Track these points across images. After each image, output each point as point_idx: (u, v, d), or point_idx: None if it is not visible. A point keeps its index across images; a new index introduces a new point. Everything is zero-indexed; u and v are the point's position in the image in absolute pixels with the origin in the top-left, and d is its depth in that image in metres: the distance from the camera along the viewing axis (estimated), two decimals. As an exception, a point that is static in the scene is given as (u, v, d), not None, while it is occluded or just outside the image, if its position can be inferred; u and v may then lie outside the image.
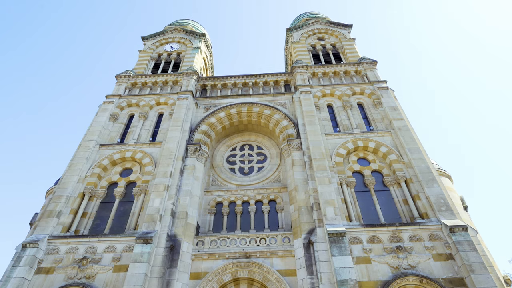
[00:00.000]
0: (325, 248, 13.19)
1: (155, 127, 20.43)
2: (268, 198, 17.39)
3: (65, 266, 13.44)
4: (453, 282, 11.98)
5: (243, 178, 18.76)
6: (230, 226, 16.56)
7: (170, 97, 21.90)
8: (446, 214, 13.80)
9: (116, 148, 18.56)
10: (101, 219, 15.92)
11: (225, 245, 14.80)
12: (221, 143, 21.15)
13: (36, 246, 13.64)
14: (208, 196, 17.84)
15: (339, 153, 17.16)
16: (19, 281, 12.63)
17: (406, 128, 17.79)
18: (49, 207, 15.48)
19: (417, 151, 16.49)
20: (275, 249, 14.42)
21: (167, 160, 17.23)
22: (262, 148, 20.73)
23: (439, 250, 12.90)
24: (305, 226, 14.45)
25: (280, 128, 19.78)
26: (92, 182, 16.91)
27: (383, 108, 19.40)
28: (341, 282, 11.78)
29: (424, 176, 15.31)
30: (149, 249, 13.27)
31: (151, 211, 14.90)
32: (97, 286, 12.81)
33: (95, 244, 14.09)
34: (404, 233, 13.51)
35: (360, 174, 16.68)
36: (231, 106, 21.11)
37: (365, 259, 12.85)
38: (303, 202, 15.35)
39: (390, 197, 15.71)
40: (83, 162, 17.49)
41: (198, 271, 14.05)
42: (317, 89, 21.45)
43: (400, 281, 12.03)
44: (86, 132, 19.44)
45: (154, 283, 12.72)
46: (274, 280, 13.42)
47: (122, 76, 23.61)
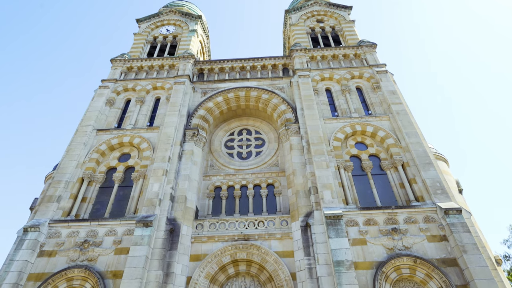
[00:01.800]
0: (322, 230, 13.48)
1: (152, 112, 20.30)
2: (266, 182, 17.56)
3: (67, 249, 13.69)
4: (446, 262, 12.34)
5: (242, 163, 18.87)
6: (229, 210, 16.80)
7: (167, 81, 21.65)
8: (441, 197, 14.05)
9: (113, 133, 18.51)
10: (100, 203, 16.08)
11: (224, 228, 15.07)
12: (219, 127, 21.12)
13: (38, 230, 13.83)
14: (207, 181, 17.98)
15: (337, 138, 17.22)
16: (22, 264, 12.88)
17: (405, 112, 17.80)
18: (49, 192, 15.59)
19: (414, 135, 16.57)
20: (273, 231, 14.70)
21: (165, 145, 17.25)
22: (260, 132, 20.74)
23: (433, 232, 13.21)
24: (303, 209, 14.69)
25: (278, 113, 19.73)
26: (91, 167, 16.96)
27: (382, 92, 19.32)
28: (338, 263, 12.11)
29: (421, 160, 15.46)
30: (149, 232, 13.50)
31: (150, 195, 15.05)
32: (99, 268, 13.10)
33: (95, 228, 14.30)
34: (399, 215, 13.78)
35: (358, 158, 16.81)
36: (229, 90, 20.94)
37: (361, 240, 13.16)
38: (301, 186, 15.53)
39: (387, 181, 15.92)
40: (80, 147, 17.47)
41: (198, 253, 14.36)
42: (315, 73, 21.25)
43: (394, 262, 12.38)
44: (82, 117, 19.31)
45: (155, 265, 13.02)
46: (272, 261, 13.76)
47: (117, 60, 23.23)
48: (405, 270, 12.39)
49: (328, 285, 11.99)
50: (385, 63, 21.27)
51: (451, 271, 12.08)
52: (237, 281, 14.19)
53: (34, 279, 12.88)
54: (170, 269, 13.23)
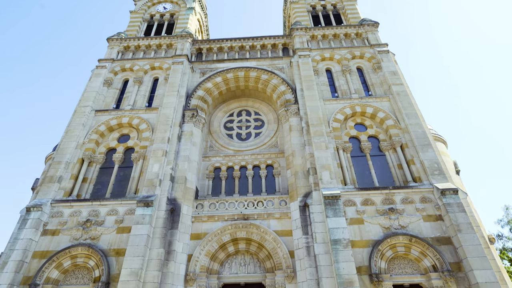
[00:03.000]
0: (320, 210, 13.71)
1: (151, 93, 20.10)
2: (266, 163, 17.68)
3: (69, 228, 13.96)
4: (441, 240, 12.66)
5: (241, 144, 18.90)
6: (228, 190, 17.00)
7: (165, 61, 21.29)
8: (438, 178, 14.21)
9: (112, 114, 18.41)
10: (101, 184, 16.24)
11: (224, 208, 15.31)
12: (218, 108, 20.99)
13: (40, 209, 14.04)
14: (206, 162, 18.08)
15: (336, 119, 17.17)
16: (27, 242, 13.17)
17: (405, 93, 17.66)
18: (49, 172, 15.69)
19: (414, 117, 16.53)
20: (272, 211, 14.96)
21: (164, 126, 17.20)
22: (259, 113, 20.64)
23: (429, 211, 13.46)
24: (301, 189, 14.87)
25: (277, 94, 19.55)
26: (90, 148, 16.99)
27: (383, 73, 19.08)
28: (335, 241, 12.41)
29: (420, 141, 15.51)
30: (150, 211, 13.72)
31: (151, 176, 15.18)
32: (102, 246, 13.41)
33: (97, 208, 14.52)
34: (397, 196, 13.99)
35: (357, 140, 16.85)
36: (228, 70, 20.64)
37: (358, 220, 13.42)
38: (300, 167, 15.65)
39: (385, 162, 16.03)
40: (79, 128, 17.43)
41: (198, 232, 14.67)
42: (316, 53, 20.89)
43: (390, 240, 12.69)
44: (80, 98, 19.13)
45: (156, 243, 13.33)
46: (271, 240, 14.09)
47: (114, 39, 22.73)
48: (401, 248, 12.73)
49: (325, 262, 12.35)
50: (386, 43, 20.87)
51: (445, 249, 12.41)
52: (236, 259, 14.58)
53: (39, 257, 13.22)
54: (171, 247, 13.56)
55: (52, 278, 12.79)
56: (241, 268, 14.29)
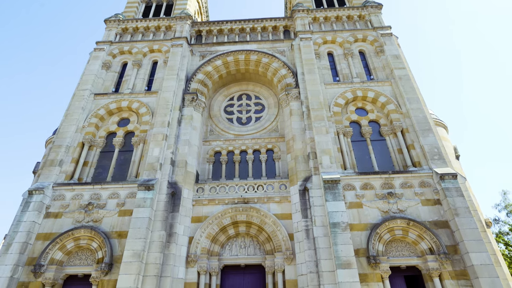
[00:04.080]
0: (320, 194, 13.84)
1: (150, 76, 19.86)
2: (266, 148, 17.69)
3: (72, 211, 14.14)
4: (438, 224, 12.85)
5: (241, 128, 18.85)
6: (228, 174, 17.10)
7: (164, 43, 20.92)
8: (438, 163, 14.25)
9: (111, 98, 18.26)
10: (102, 167, 16.31)
11: (224, 192, 15.45)
12: (218, 92, 20.80)
13: (42, 192, 14.17)
14: (207, 146, 18.10)
15: (337, 103, 17.05)
16: (30, 224, 13.37)
17: (407, 78, 17.45)
18: (50, 156, 15.73)
19: (416, 101, 16.40)
20: (272, 195, 15.10)
21: (164, 110, 17.10)
22: (260, 97, 20.47)
23: (428, 196, 13.59)
24: (301, 174, 14.95)
25: (278, 77, 19.32)
26: (90, 132, 16.96)
27: (385, 56, 18.78)
28: (334, 225, 12.60)
29: (421, 126, 15.46)
30: (151, 195, 13.86)
31: (151, 159, 15.23)
32: (104, 228, 13.62)
33: (99, 191, 14.65)
34: (396, 180, 14.08)
35: (357, 124, 16.79)
36: (228, 53, 20.31)
37: (357, 204, 13.57)
38: (300, 151, 15.68)
39: (385, 147, 16.04)
40: (79, 112, 17.34)
41: (199, 215, 14.87)
42: (317, 36, 20.48)
43: (388, 224, 12.88)
44: (79, 81, 18.92)
45: (158, 226, 13.54)
46: (271, 223, 14.30)
47: (112, 21, 22.24)
48: (398, 232, 12.93)
49: (324, 245, 12.58)
50: (390, 26, 20.44)
51: (442, 232, 12.61)
52: (237, 241, 14.85)
53: (43, 239, 13.45)
54: (172, 229, 13.78)
55: (56, 259, 13.07)
56: (241, 250, 14.57)
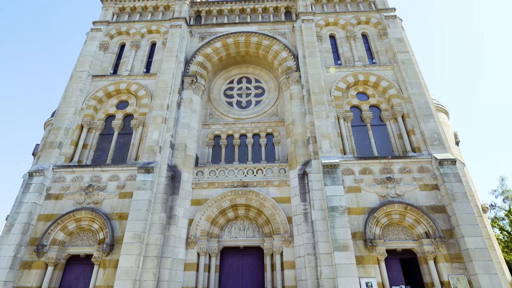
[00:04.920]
0: (319, 178, 13.91)
1: (148, 58, 19.52)
2: (266, 132, 17.64)
3: (72, 193, 14.25)
4: (435, 209, 12.99)
5: (241, 112, 18.72)
6: (228, 158, 17.13)
7: (162, 24, 20.44)
8: (438, 148, 14.25)
9: (109, 80, 18.03)
10: (102, 150, 16.31)
11: (224, 175, 15.52)
12: (218, 75, 20.52)
13: (42, 174, 14.23)
14: (206, 129, 18.03)
15: (338, 87, 16.86)
16: (31, 206, 13.51)
17: (410, 62, 17.17)
18: (49, 138, 15.70)
19: (418, 86, 16.21)
20: (271, 179, 15.18)
21: (163, 92, 16.92)
22: (260, 81, 20.22)
23: (426, 181, 13.67)
24: (301, 158, 14.98)
25: (279, 60, 19.01)
26: (89, 114, 16.85)
27: (388, 40, 18.41)
28: (332, 208, 12.74)
29: (422, 112, 15.35)
30: (151, 178, 13.93)
31: (151, 143, 15.21)
32: (105, 210, 13.77)
33: (99, 173, 14.71)
34: (395, 165, 14.12)
35: (358, 109, 16.67)
36: (228, 35, 19.88)
37: (356, 188, 13.67)
38: (300, 136, 15.64)
39: (386, 132, 15.99)
40: (77, 94, 17.16)
41: (198, 198, 15.01)
42: (319, 17, 19.99)
43: (386, 208, 13.02)
44: (76, 62, 18.62)
45: (158, 208, 13.69)
46: (270, 206, 14.45)
47: (109, 0, 21.63)
48: (395, 216, 13.10)
49: (321, 228, 12.77)
50: (394, 8, 19.91)
51: (439, 217, 12.78)
52: (236, 224, 15.06)
53: (44, 220, 13.63)
54: (172, 212, 13.94)
55: (58, 239, 13.28)
56: (241, 232, 14.80)
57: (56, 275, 13.00)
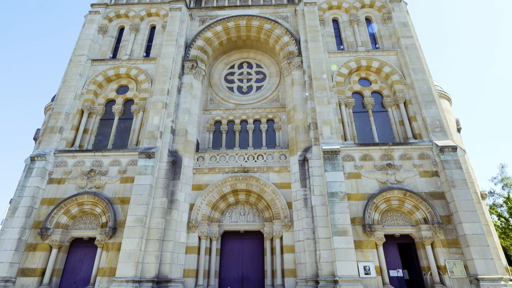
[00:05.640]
0: (319, 164, 13.96)
1: (148, 42, 19.23)
2: (266, 118, 17.57)
3: (74, 177, 14.36)
4: (434, 195, 13.08)
5: (242, 97, 18.59)
6: (229, 144, 17.15)
7: (162, 7, 20.01)
8: (439, 135, 14.22)
9: (109, 64, 17.83)
10: (102, 135, 16.33)
11: (225, 161, 15.58)
12: (219, 60, 20.26)
13: (44, 159, 14.31)
14: (207, 115, 17.97)
15: (340, 73, 16.66)
16: (34, 190, 13.65)
17: (414, 47, 16.87)
18: (50, 123, 15.69)
19: (421, 72, 16.00)
20: (272, 165, 15.24)
21: (163, 77, 16.76)
22: (261, 66, 19.97)
23: (426, 167, 13.71)
24: (301, 144, 14.99)
25: (280, 45, 18.71)
26: (89, 99, 16.77)
27: (393, 24, 18.03)
28: (332, 194, 12.85)
29: (424, 98, 15.22)
30: (152, 163, 14.00)
31: (151, 128, 15.20)
32: (107, 194, 13.92)
33: (100, 158, 14.78)
34: (395, 152, 14.13)
35: (360, 95, 16.53)
36: (229, 19, 19.49)
37: (356, 174, 13.74)
38: (301, 122, 15.59)
39: (387, 118, 15.91)
40: (76, 78, 17.02)
41: (199, 183, 15.13)
42: (323, 0, 19.51)
43: (385, 194, 13.12)
44: (75, 46, 18.38)
45: (159, 193, 13.83)
46: (270, 192, 14.58)
47: (107, -19, 21.07)
48: (395, 202, 13.21)
49: (321, 213, 12.92)
50: (399, -10, 19.35)
51: (438, 203, 12.88)
52: (236, 209, 15.23)
53: (47, 203, 13.80)
54: (174, 196, 14.09)
55: (61, 223, 13.50)
56: (241, 217, 14.99)
57: (61, 257, 13.30)
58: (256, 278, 13.90)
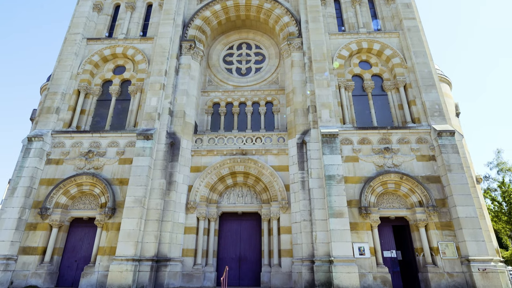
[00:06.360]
0: (317, 147, 14.00)
1: (145, 20, 18.73)
2: (265, 100, 17.43)
3: (72, 158, 14.36)
4: (430, 179, 13.24)
5: (240, 79, 18.36)
6: (227, 126, 17.09)
7: (159, -16, 19.33)
8: (437, 120, 14.21)
9: (105, 43, 17.43)
10: (100, 116, 16.20)
11: (223, 143, 15.59)
12: (217, 40, 19.84)
13: (41, 139, 14.25)
14: (205, 97, 17.79)
15: (341, 55, 16.40)
16: (33, 170, 13.67)
17: (416, 29, 16.55)
18: (46, 103, 15.51)
19: (422, 55, 15.78)
20: (270, 147, 15.27)
21: (160, 57, 16.45)
22: (260, 47, 19.60)
23: (423, 152, 13.79)
24: (300, 127, 14.96)
25: (280, 25, 18.28)
26: (86, 79, 16.51)
27: (396, 5, 17.60)
28: (329, 177, 12.96)
29: (425, 82, 15.10)
30: (150, 144, 13.98)
31: (149, 109, 15.08)
32: (105, 175, 13.98)
33: (98, 139, 14.73)
34: (394, 136, 14.16)
35: (360, 78, 16.36)
36: (228, -3, 18.88)
37: (353, 158, 13.82)
38: (300, 105, 15.49)
39: (387, 102, 15.84)
40: (72, 57, 16.67)
41: (198, 165, 15.19)
42: (325, -21, 18.87)
43: (382, 177, 13.26)
44: (69, 24, 17.89)
45: (158, 174, 13.90)
46: (268, 174, 14.68)
47: (101, -45, 20.23)
48: (391, 185, 13.37)
49: (318, 196, 13.09)
50: (404, -31, 18.74)
51: (433, 187, 13.06)
52: (234, 190, 15.38)
53: (46, 184, 13.87)
54: (172, 178, 14.17)
55: (61, 203, 13.62)
56: (239, 199, 15.16)
57: (61, 236, 13.51)
58: (254, 258, 14.24)
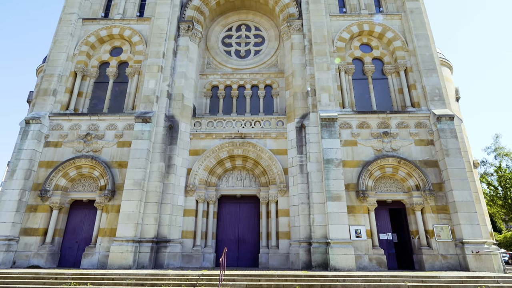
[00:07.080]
0: (316, 131, 13.99)
1: (141, 0, 18.24)
2: (264, 83, 17.25)
3: (71, 140, 14.34)
4: (427, 163, 13.31)
5: (239, 62, 18.08)
6: (226, 109, 16.98)
7: (155, -39, 18.67)
8: (437, 104, 14.14)
9: (101, 24, 17.04)
10: (97, 98, 16.04)
11: (222, 127, 15.54)
12: (216, 22, 19.40)
13: (39, 122, 14.17)
14: (204, 80, 17.58)
15: (341, 38, 16.11)
16: (31, 152, 13.67)
17: (419, 11, 16.20)
18: (43, 85, 15.32)
19: (424, 38, 15.51)
20: (269, 131, 15.24)
21: (158, 39, 16.13)
22: (260, 29, 19.20)
23: (422, 136, 13.80)
24: (299, 111, 14.88)
25: (280, 6, 17.83)
26: (82, 61, 16.24)
27: (399, -15, 17.13)
28: (327, 161, 13.02)
29: (426, 65, 14.91)
30: (149, 127, 13.93)
31: (147, 92, 14.92)
32: (104, 158, 14.00)
33: (96, 122, 14.66)
34: (393, 120, 14.12)
35: (360, 61, 16.13)
36: (227, -24, 18.33)
37: (352, 142, 13.84)
38: (299, 88, 15.35)
39: (387, 86, 15.70)
40: (68, 38, 16.33)
41: (196, 148, 15.20)
42: (327, -42, 18.28)
43: (380, 161, 13.33)
44: (64, 3, 17.41)
45: (156, 157, 13.93)
46: (267, 158, 14.73)
47: None
48: (389, 170, 13.45)
49: (316, 179, 13.19)
50: None
51: (431, 171, 13.15)
52: (233, 174, 15.47)
53: (45, 166, 13.90)
54: (171, 161, 14.21)
55: (60, 185, 13.69)
56: (238, 182, 15.27)
57: (62, 218, 13.66)
58: (252, 239, 14.50)
